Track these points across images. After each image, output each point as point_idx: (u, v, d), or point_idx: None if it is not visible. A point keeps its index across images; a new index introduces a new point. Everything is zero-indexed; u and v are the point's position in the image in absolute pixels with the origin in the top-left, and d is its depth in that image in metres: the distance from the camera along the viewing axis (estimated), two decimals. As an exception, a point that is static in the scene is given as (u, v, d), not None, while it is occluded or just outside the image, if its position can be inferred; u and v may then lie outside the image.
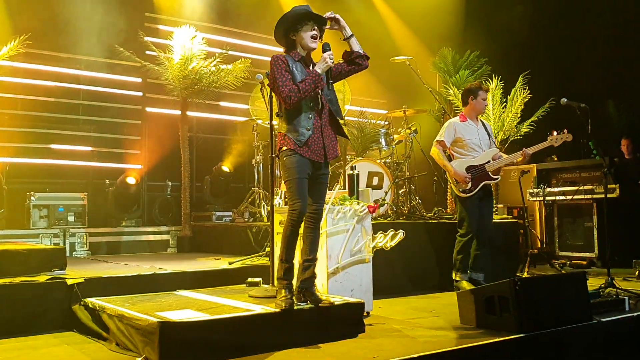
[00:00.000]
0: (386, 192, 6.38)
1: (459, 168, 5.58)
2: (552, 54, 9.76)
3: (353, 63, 4.11)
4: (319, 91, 3.96)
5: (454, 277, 5.59)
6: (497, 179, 5.66)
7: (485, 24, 9.95)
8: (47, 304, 4.26)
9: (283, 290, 3.84)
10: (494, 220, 5.91)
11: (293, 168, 3.90)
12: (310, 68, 3.98)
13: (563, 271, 7.01)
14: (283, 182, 4.05)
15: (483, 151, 5.65)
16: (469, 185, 5.52)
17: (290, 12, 3.96)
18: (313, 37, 3.94)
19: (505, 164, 5.64)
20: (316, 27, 3.96)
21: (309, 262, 4.02)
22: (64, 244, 7.06)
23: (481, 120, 5.83)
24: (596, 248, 7.49)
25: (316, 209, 4.03)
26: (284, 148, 3.94)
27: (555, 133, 5.53)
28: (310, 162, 3.94)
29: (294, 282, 4.04)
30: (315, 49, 3.99)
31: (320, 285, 4.39)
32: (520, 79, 8.00)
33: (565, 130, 5.50)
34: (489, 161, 5.60)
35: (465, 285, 5.40)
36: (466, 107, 5.77)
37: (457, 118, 5.79)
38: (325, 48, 3.94)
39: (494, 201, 6.22)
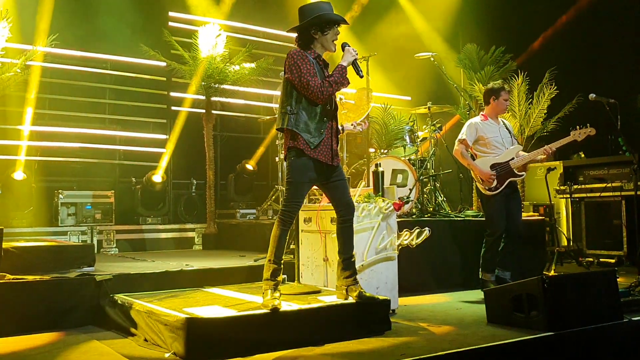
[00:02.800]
0: (410, 190, 6.35)
1: (483, 166, 5.52)
2: (580, 48, 9.59)
3: None
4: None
5: (480, 277, 5.55)
6: (522, 175, 5.60)
7: (510, 19, 9.83)
8: (77, 300, 4.34)
9: (269, 291, 3.76)
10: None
11: (297, 170, 3.84)
12: (323, 69, 3.95)
13: (591, 269, 6.92)
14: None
15: (506, 148, 5.60)
16: (495, 183, 5.47)
17: (324, 14, 3.89)
18: (334, 41, 3.97)
19: (529, 160, 5.57)
20: (339, 31, 3.99)
21: (348, 259, 4.02)
22: (92, 241, 7.18)
23: (501, 119, 5.80)
24: (625, 246, 7.34)
25: (347, 204, 4.00)
26: (294, 148, 3.83)
27: (578, 127, 5.46)
28: (318, 164, 3.86)
29: (336, 281, 4.06)
30: (334, 51, 4.00)
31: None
32: (546, 74, 7.88)
33: (587, 125, 5.42)
34: (513, 158, 5.54)
35: (492, 284, 5.35)
36: (487, 106, 5.74)
37: (477, 117, 5.76)
38: (345, 44, 3.96)
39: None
